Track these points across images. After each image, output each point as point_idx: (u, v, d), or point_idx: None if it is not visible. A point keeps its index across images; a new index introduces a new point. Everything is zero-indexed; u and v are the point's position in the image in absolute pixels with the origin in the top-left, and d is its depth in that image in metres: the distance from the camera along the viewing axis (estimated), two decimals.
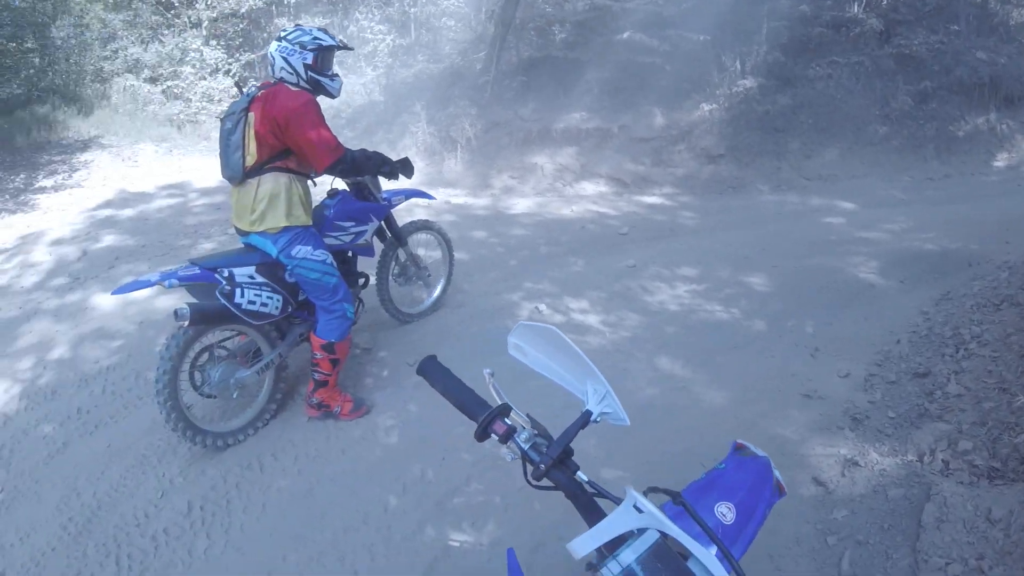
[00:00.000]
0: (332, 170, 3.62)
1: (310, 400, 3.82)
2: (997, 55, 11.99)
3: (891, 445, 3.44)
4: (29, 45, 14.89)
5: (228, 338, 3.72)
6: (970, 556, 2.58)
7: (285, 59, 3.55)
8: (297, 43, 3.57)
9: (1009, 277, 5.48)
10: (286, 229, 3.53)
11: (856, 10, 12.59)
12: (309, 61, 3.58)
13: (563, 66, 12.13)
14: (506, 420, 1.32)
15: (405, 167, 4.20)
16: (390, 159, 4.05)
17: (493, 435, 1.29)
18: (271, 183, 3.49)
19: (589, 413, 1.30)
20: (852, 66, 11.59)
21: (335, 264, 3.75)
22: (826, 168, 10.33)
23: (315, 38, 3.61)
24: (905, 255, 6.59)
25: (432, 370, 1.44)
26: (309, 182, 3.75)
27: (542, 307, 5.28)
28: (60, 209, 8.92)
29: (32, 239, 7.61)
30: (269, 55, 3.65)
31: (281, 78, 3.59)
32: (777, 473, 1.51)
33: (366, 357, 4.55)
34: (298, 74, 3.57)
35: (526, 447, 1.28)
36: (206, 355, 3.54)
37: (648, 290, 5.64)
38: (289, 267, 3.60)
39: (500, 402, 1.35)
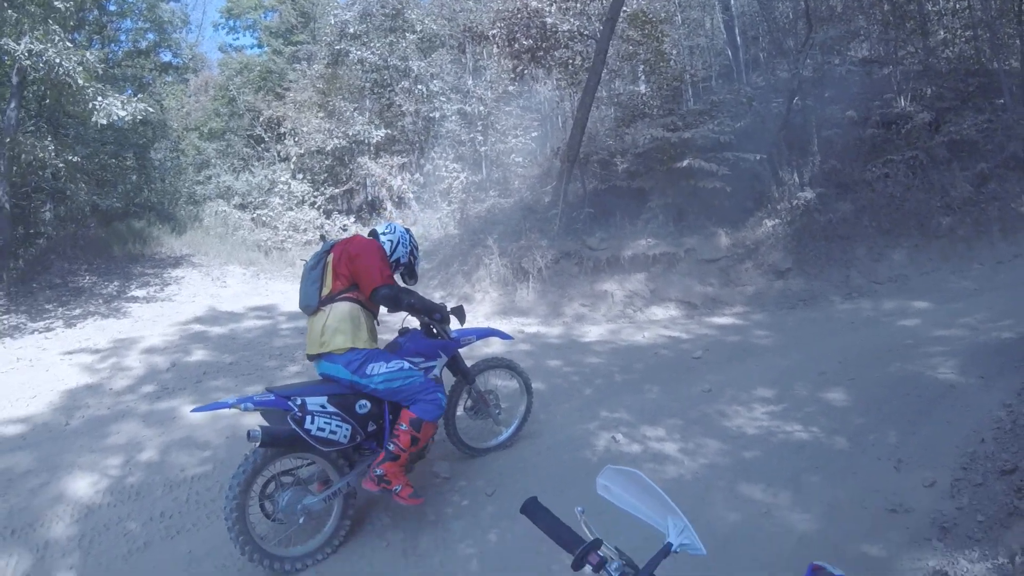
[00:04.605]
0: (376, 295, 4.04)
1: (373, 472, 3.93)
2: None
3: (981, 550, 3.39)
4: (129, 163, 16.28)
5: (294, 468, 3.93)
6: None
7: (400, 238, 4.49)
8: (413, 245, 4.60)
9: None
10: (352, 351, 3.93)
11: (903, 104, 12.81)
12: (405, 259, 4.55)
13: (627, 195, 12.74)
14: (599, 553, 1.54)
15: (458, 313, 4.72)
16: (442, 306, 4.51)
17: (588, 565, 1.52)
18: (340, 309, 4.00)
19: (670, 545, 1.51)
20: (907, 161, 11.66)
21: (413, 366, 4.13)
22: (895, 269, 10.27)
23: (415, 258, 4.63)
24: (984, 348, 6.49)
25: (534, 510, 1.68)
26: (385, 314, 4.40)
27: (619, 437, 5.34)
28: (151, 319, 9.62)
29: (125, 344, 8.18)
30: (393, 224, 4.61)
31: (384, 234, 4.48)
32: None
33: (446, 486, 4.66)
34: (396, 248, 4.45)
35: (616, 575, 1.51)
36: (272, 485, 3.79)
37: (725, 414, 5.70)
38: (370, 387, 3.95)
39: (592, 537, 1.58)
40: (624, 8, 13.32)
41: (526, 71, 15.45)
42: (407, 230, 4.63)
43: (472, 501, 4.49)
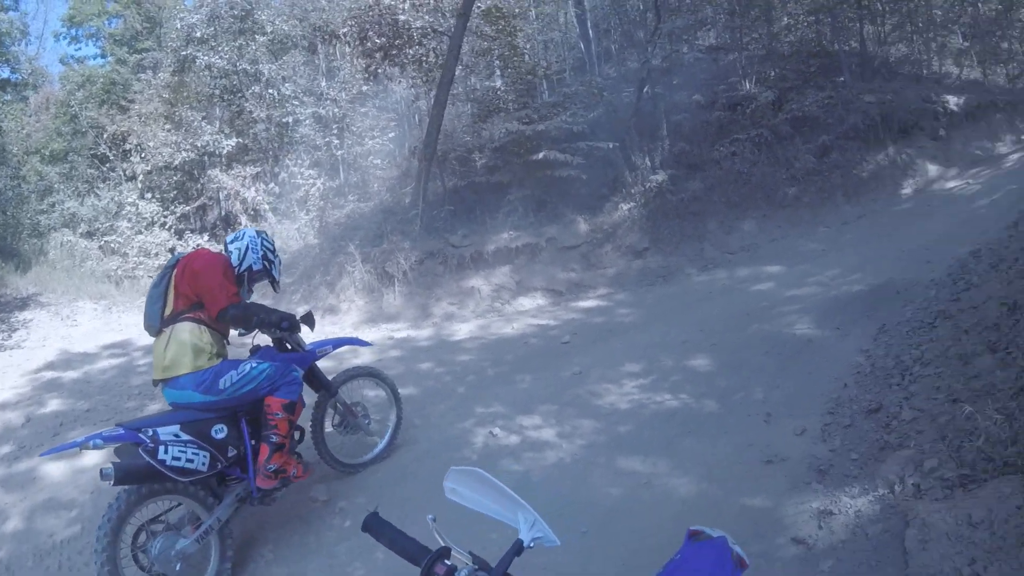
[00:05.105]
0: (224, 315, 3.76)
1: (266, 469, 3.76)
2: (883, 94, 12.98)
3: (860, 485, 3.48)
4: None
5: (162, 514, 3.64)
6: (962, 564, 2.61)
7: (250, 244, 4.15)
8: (267, 249, 4.24)
9: (937, 293, 5.74)
10: (195, 373, 3.64)
11: (748, 87, 13.51)
12: (259, 266, 4.19)
13: (487, 190, 12.64)
14: (446, 561, 1.45)
15: (307, 320, 4.44)
16: (290, 315, 4.20)
17: None
18: (182, 331, 3.70)
19: (521, 541, 1.42)
20: (753, 139, 12.32)
21: (260, 363, 3.90)
22: (746, 239, 10.78)
23: (271, 263, 4.26)
24: (836, 302, 6.82)
25: (376, 525, 1.59)
26: (236, 336, 4.11)
27: (496, 431, 5.20)
28: None
29: None
30: (243, 231, 4.30)
31: (232, 242, 4.18)
32: (736, 548, 1.57)
33: (326, 510, 4.39)
34: (246, 256, 4.12)
35: None
36: (143, 535, 3.46)
37: (597, 394, 5.66)
38: (227, 399, 3.71)
39: (442, 545, 1.50)
40: (478, 3, 13.18)
41: (379, 70, 15.08)
42: (259, 233, 4.28)
43: (354, 521, 4.20)
